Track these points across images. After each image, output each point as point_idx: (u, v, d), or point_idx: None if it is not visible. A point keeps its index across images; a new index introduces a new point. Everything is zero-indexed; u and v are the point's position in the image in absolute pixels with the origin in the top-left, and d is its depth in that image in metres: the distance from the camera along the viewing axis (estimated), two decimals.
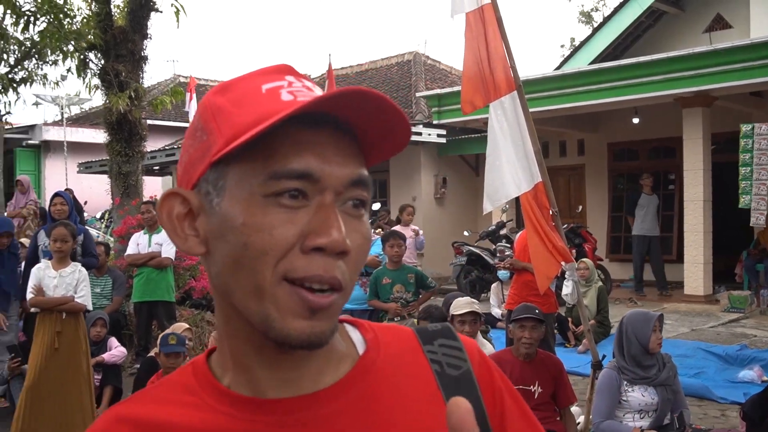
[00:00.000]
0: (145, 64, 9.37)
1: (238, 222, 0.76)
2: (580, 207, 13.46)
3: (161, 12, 9.21)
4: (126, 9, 9.22)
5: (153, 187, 18.00)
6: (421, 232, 9.86)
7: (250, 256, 0.75)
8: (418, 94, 15.33)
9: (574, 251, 10.73)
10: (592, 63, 13.75)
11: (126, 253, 7.97)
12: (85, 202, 15.78)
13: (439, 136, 14.26)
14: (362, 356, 0.86)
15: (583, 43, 15.81)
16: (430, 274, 9.10)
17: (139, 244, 7.77)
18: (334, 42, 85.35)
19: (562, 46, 38.91)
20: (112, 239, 10.24)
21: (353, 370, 0.84)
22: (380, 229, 9.98)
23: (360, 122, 0.79)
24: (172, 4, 8.94)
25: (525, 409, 0.92)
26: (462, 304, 4.75)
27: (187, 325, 6.10)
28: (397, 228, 9.08)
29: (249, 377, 0.81)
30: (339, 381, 0.83)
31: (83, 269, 5.53)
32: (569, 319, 8.60)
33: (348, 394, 0.82)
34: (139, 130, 9.27)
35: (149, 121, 21.37)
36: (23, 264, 7.08)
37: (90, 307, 5.70)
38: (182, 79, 27.66)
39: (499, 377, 0.91)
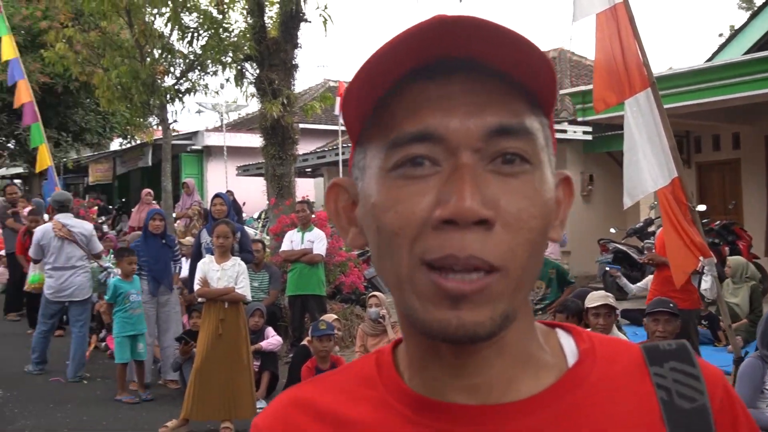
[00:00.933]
0: (296, 72, 9.96)
1: (371, 203, 0.70)
2: (734, 202, 12.83)
3: (310, 22, 9.75)
4: (278, 21, 9.85)
5: (305, 188, 18.91)
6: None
7: (385, 241, 0.68)
8: (562, 92, 15.15)
9: (727, 249, 10.35)
10: (747, 52, 13.03)
11: (280, 250, 8.53)
12: (244, 203, 16.78)
13: (584, 133, 14.05)
14: (572, 368, 0.74)
15: (738, 32, 14.99)
16: (577, 272, 9.05)
17: (292, 241, 8.30)
18: None
19: (720, 35, 36.85)
20: (268, 237, 10.93)
21: (558, 383, 0.72)
22: None
23: (502, 65, 0.66)
24: (320, 14, 9.44)
25: None
26: (596, 297, 4.80)
27: (335, 316, 6.50)
28: None
29: (428, 378, 0.73)
30: (538, 394, 0.71)
31: (242, 263, 6.04)
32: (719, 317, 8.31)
33: (547, 410, 0.70)
34: (291, 135, 9.86)
35: (301, 125, 22.52)
36: (189, 260, 7.80)
37: (249, 298, 6.21)
38: (331, 84, 28.75)
39: (746, 423, 0.75)
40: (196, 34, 10.28)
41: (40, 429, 5.91)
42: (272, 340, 6.96)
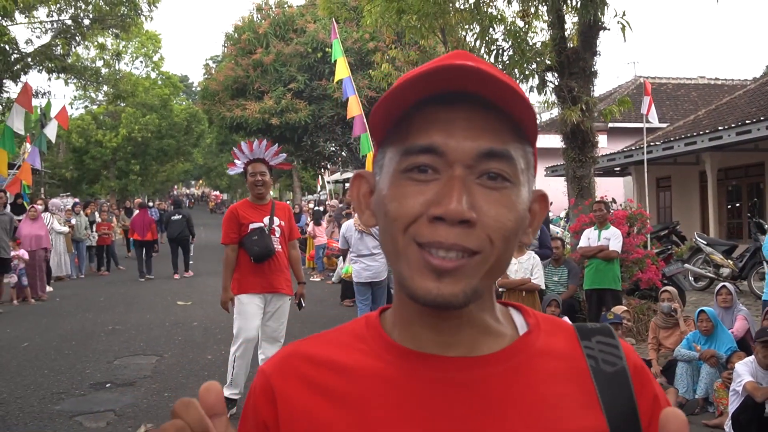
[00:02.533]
0: (595, 78, 10.39)
1: (383, 194, 0.87)
2: None
3: (609, 29, 10.14)
4: (577, 30, 10.39)
5: (606, 186, 18.94)
6: None
7: (388, 223, 0.85)
8: None
9: None
10: None
11: (578, 247, 9.10)
12: (551, 203, 17.35)
13: None
14: (521, 336, 0.92)
15: None
16: None
17: (589, 238, 8.83)
18: None
19: None
20: (569, 235, 11.49)
21: (511, 346, 0.90)
22: None
23: (491, 98, 0.82)
24: (618, 21, 9.79)
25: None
26: None
27: (625, 308, 6.95)
28: None
29: (412, 333, 0.89)
30: (495, 353, 0.88)
31: (536, 257, 6.80)
32: None
33: (502, 364, 0.87)
34: (590, 138, 10.32)
35: (610, 125, 22.43)
36: None
37: (543, 287, 6.94)
38: (642, 80, 28.06)
39: (657, 386, 0.92)
40: (500, 49, 11.14)
41: None
42: None
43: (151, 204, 25.89)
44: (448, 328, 0.87)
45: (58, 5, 17.92)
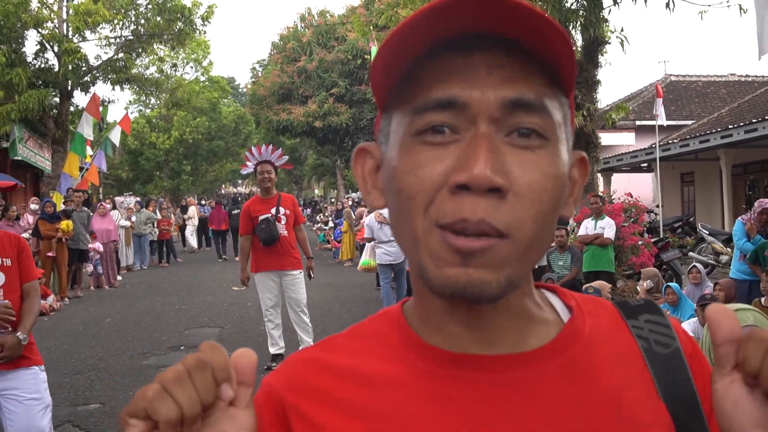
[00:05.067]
0: (599, 87, 11.73)
1: (392, 166, 0.72)
2: None
3: (610, 43, 11.47)
4: (582, 46, 11.73)
5: (635, 182, 20.06)
6: None
7: (403, 203, 0.70)
8: None
9: None
10: None
11: (578, 235, 10.47)
12: None
13: None
14: (568, 323, 0.79)
15: None
16: None
17: (587, 227, 10.18)
18: None
19: None
20: (574, 225, 12.82)
21: (560, 336, 0.77)
22: None
23: (519, 38, 0.67)
24: (617, 36, 11.11)
25: None
26: None
27: (609, 285, 8.30)
28: None
29: (446, 335, 0.76)
30: (546, 345, 0.75)
31: None
32: None
33: (556, 359, 0.75)
34: (593, 140, 11.67)
35: (638, 123, 23.39)
36: None
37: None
38: (673, 78, 28.95)
39: (708, 363, 0.78)
40: None
41: None
42: None
43: (203, 202, 27.76)
44: (486, 320, 0.74)
45: (122, 23, 19.82)
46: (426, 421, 0.72)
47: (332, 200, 40.08)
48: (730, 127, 16.38)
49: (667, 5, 11.34)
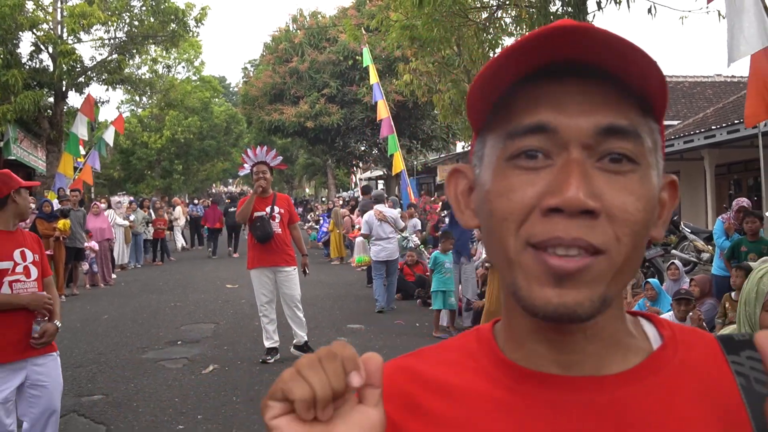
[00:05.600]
0: None
1: (486, 189, 0.75)
2: None
3: None
4: None
5: None
6: None
7: (496, 224, 0.73)
8: None
9: None
10: None
11: None
12: None
13: None
14: (656, 351, 0.78)
15: None
16: None
17: None
18: None
19: None
20: None
21: (644, 363, 0.77)
22: None
23: (610, 67, 0.69)
24: None
25: None
26: None
27: None
28: None
29: (527, 351, 0.77)
30: (626, 371, 0.76)
31: None
32: None
33: (636, 384, 0.74)
34: None
35: None
36: None
37: None
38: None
39: None
40: None
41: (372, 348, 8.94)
42: None
43: (196, 201, 27.99)
44: (571, 343, 0.75)
45: (115, 25, 20.06)
46: None
47: (323, 199, 40.35)
48: (713, 127, 16.77)
49: (649, 11, 11.68)
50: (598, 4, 11.67)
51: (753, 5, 6.20)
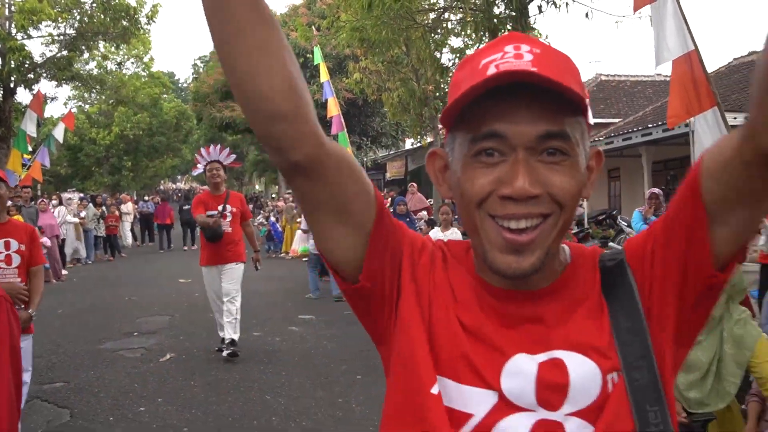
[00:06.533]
0: None
1: (457, 177, 1.04)
2: None
3: None
4: None
5: None
6: None
7: (465, 202, 1.02)
8: None
9: None
10: None
11: None
12: None
13: None
14: (567, 266, 1.10)
15: None
16: None
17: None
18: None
19: None
20: None
21: (562, 276, 1.08)
22: None
23: (549, 86, 0.94)
24: (544, 42, 11.97)
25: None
26: None
27: None
28: None
29: (488, 274, 1.07)
30: (548, 286, 1.07)
31: (458, 231, 8.92)
32: None
33: (553, 295, 1.07)
34: None
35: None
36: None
37: None
38: (603, 78, 30.14)
39: (651, 248, 1.06)
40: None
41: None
42: None
43: (146, 198, 27.93)
44: (526, 280, 1.04)
45: (65, 22, 19.99)
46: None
47: (273, 196, 40.42)
48: (650, 125, 17.51)
49: (586, 15, 12.34)
50: (539, 7, 12.27)
51: (673, 15, 6.69)
